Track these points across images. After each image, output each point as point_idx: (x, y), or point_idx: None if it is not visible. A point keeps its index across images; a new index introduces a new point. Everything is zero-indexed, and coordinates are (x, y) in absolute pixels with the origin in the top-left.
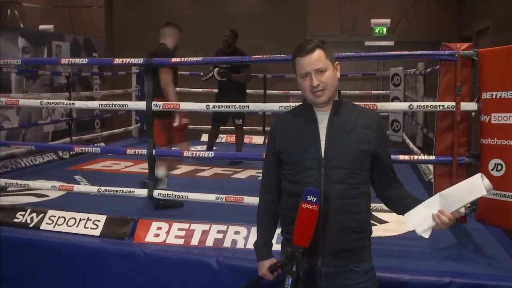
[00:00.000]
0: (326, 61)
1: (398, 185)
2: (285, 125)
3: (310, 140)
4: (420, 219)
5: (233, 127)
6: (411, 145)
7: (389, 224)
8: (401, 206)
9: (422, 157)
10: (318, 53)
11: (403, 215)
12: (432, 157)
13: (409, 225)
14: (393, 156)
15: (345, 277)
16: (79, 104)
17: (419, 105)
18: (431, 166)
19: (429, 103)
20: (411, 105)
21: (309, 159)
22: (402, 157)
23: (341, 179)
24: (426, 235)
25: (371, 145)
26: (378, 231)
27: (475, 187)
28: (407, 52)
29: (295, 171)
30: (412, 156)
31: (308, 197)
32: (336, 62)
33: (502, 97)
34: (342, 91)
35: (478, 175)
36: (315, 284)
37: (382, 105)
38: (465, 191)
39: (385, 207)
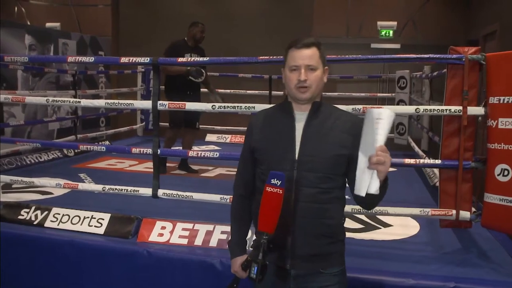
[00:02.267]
0: (319, 60)
1: None
2: (263, 121)
3: (285, 140)
4: (364, 181)
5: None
6: (416, 149)
7: (393, 228)
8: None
9: (428, 161)
10: (313, 50)
11: (357, 201)
12: (438, 161)
13: (360, 193)
14: (398, 160)
15: (314, 279)
16: (84, 102)
17: (426, 109)
18: (436, 170)
19: (436, 107)
20: (417, 108)
21: (282, 160)
22: (407, 160)
23: (313, 182)
24: (376, 188)
25: (347, 149)
26: (382, 234)
27: (370, 119)
28: (415, 56)
29: (267, 171)
30: (417, 160)
31: (272, 180)
32: (326, 67)
33: (510, 102)
34: (347, 93)
35: (368, 111)
36: (284, 286)
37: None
38: (369, 128)
39: (389, 211)
